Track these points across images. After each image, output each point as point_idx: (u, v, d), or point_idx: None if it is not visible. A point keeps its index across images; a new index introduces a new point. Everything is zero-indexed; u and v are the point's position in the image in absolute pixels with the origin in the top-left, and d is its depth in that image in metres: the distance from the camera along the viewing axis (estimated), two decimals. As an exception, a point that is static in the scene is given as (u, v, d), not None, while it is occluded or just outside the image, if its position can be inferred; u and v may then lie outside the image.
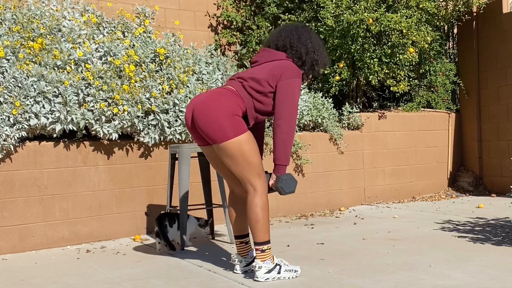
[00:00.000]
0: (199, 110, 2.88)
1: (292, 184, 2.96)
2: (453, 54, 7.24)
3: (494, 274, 2.93)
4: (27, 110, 3.96)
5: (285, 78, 2.92)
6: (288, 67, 2.95)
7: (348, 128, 6.02)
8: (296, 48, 3.02)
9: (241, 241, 3.15)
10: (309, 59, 3.05)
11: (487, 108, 6.65)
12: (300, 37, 3.03)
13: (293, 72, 2.95)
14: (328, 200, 5.68)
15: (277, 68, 2.94)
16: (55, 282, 3.11)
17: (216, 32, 6.41)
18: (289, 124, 2.91)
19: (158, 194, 4.63)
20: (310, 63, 3.07)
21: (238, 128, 2.84)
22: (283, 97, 2.90)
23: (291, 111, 2.91)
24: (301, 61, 3.04)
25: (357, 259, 3.39)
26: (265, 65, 2.99)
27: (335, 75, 5.90)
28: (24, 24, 4.46)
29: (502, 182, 6.45)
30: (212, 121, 2.83)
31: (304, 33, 3.06)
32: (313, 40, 3.07)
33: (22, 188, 4.03)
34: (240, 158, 2.85)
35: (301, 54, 3.03)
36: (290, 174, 2.97)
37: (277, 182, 2.95)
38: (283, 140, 2.90)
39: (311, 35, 3.09)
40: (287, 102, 2.90)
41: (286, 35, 3.04)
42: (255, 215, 2.89)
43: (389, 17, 5.62)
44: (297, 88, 2.94)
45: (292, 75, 2.93)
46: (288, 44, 3.02)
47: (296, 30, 3.07)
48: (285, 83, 2.91)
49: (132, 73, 4.42)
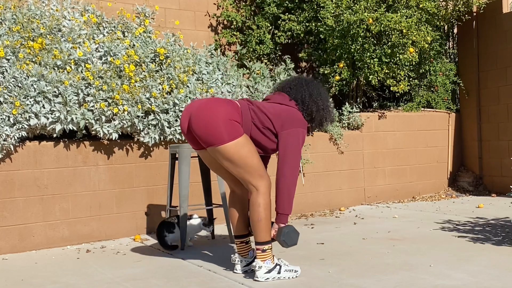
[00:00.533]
0: (196, 114, 2.88)
1: (294, 236, 2.96)
2: (453, 54, 7.24)
3: (494, 274, 2.93)
4: (27, 110, 3.96)
5: (292, 126, 2.95)
6: (297, 117, 3.00)
7: (348, 128, 6.02)
8: (308, 105, 3.05)
9: (241, 241, 3.15)
10: (318, 116, 3.10)
11: (487, 108, 6.65)
12: (311, 94, 3.07)
13: (300, 122, 3.00)
14: (328, 200, 5.68)
15: (286, 112, 2.98)
16: (55, 282, 3.11)
17: (216, 32, 6.41)
18: (294, 173, 2.94)
19: (158, 194, 4.63)
20: (319, 120, 3.12)
21: (234, 132, 2.84)
22: (289, 145, 2.93)
23: (295, 160, 2.94)
24: (310, 117, 3.08)
25: (357, 259, 3.39)
26: (275, 105, 3.02)
27: (335, 75, 5.90)
28: (24, 24, 4.46)
29: (502, 182, 6.45)
30: (208, 125, 2.83)
31: (314, 89, 3.10)
32: (323, 98, 3.11)
33: (22, 188, 4.03)
34: (239, 161, 2.85)
35: (312, 112, 3.07)
36: (292, 226, 2.97)
37: (279, 236, 2.94)
38: (288, 189, 2.93)
39: (321, 92, 3.12)
40: (293, 150, 2.94)
41: (297, 90, 3.07)
42: (257, 215, 2.89)
43: (389, 17, 5.62)
44: (302, 138, 2.99)
45: (298, 124, 2.98)
46: (300, 99, 3.06)
47: (307, 85, 3.10)
48: (292, 131, 2.95)
49: (132, 73, 4.42)
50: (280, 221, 2.97)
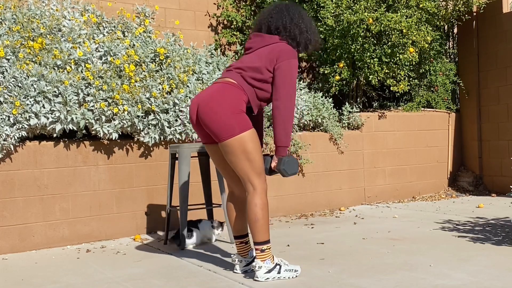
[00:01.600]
0: (205, 108, 2.87)
1: (295, 165, 2.96)
2: (453, 54, 7.24)
3: (494, 273, 2.93)
4: (27, 109, 3.96)
5: (282, 60, 2.91)
6: (284, 50, 2.94)
7: (348, 128, 6.02)
8: (290, 30, 3.01)
9: (241, 241, 3.15)
10: (303, 39, 3.05)
11: (487, 107, 6.65)
12: (292, 18, 3.02)
13: (289, 53, 2.94)
14: (328, 200, 5.68)
15: (273, 52, 2.93)
16: (55, 282, 3.11)
17: (216, 32, 6.41)
18: (289, 105, 2.90)
19: (158, 194, 4.63)
20: (304, 43, 3.07)
21: (242, 125, 2.84)
22: (281, 79, 2.90)
23: (289, 92, 2.91)
24: (295, 42, 3.03)
25: (357, 259, 3.39)
26: (260, 50, 2.97)
27: (335, 75, 5.90)
28: (24, 23, 4.46)
29: (502, 182, 6.45)
30: (217, 118, 2.83)
31: (295, 13, 3.05)
32: (305, 20, 3.07)
33: (22, 187, 4.03)
34: (242, 155, 2.85)
35: (296, 35, 3.02)
36: (292, 156, 2.97)
37: (279, 164, 2.95)
38: (283, 122, 2.90)
39: (302, 14, 3.08)
40: (286, 84, 2.90)
41: (278, 17, 3.02)
42: (254, 215, 2.89)
43: (389, 16, 5.62)
44: (294, 69, 2.94)
45: (288, 56, 2.93)
46: (281, 26, 3.01)
47: (287, 10, 3.05)
48: (282, 64, 2.90)
49: (132, 73, 4.42)
50: (279, 154, 2.95)
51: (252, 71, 2.92)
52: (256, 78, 2.92)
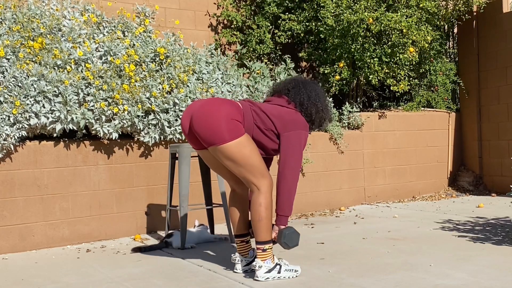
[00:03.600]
0: (197, 115, 2.87)
1: (295, 238, 2.96)
2: (453, 53, 7.24)
3: (494, 273, 2.93)
4: (27, 109, 3.96)
5: (294, 128, 2.96)
6: (298, 120, 3.00)
7: (348, 127, 6.02)
8: (307, 107, 3.05)
9: (242, 240, 3.15)
10: (318, 118, 3.10)
11: (487, 107, 6.65)
12: (309, 96, 3.06)
13: (302, 124, 3.00)
14: (328, 200, 5.68)
15: (288, 115, 2.98)
16: (55, 281, 3.11)
17: (216, 31, 6.41)
18: (295, 175, 2.94)
19: (158, 194, 4.63)
20: (319, 122, 3.13)
21: (236, 131, 2.84)
22: (291, 147, 2.93)
23: (297, 161, 2.94)
24: (310, 119, 3.08)
25: (357, 259, 3.39)
26: (276, 107, 3.02)
27: (335, 75, 5.90)
28: (24, 23, 4.46)
29: (502, 182, 6.45)
30: (210, 124, 2.83)
31: (312, 90, 3.09)
32: (321, 99, 3.11)
33: (22, 187, 4.03)
34: (241, 160, 2.85)
35: (312, 114, 3.07)
36: (292, 228, 2.97)
37: (279, 238, 2.95)
38: (288, 191, 2.93)
39: (318, 93, 3.12)
40: (294, 152, 2.94)
41: (295, 92, 3.07)
42: (258, 214, 2.89)
43: (389, 16, 5.62)
44: (304, 140, 2.99)
45: (301, 127, 2.98)
46: (298, 102, 3.05)
47: (304, 86, 3.09)
48: (293, 133, 2.95)
49: (132, 73, 4.42)
50: (280, 223, 2.97)
51: (261, 111, 2.96)
52: (261, 118, 2.95)
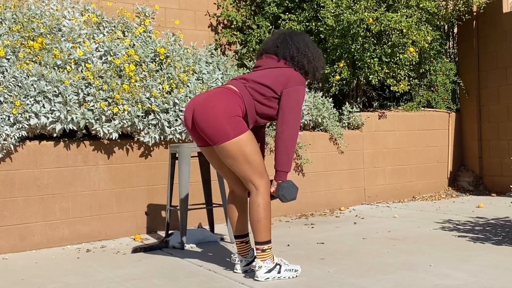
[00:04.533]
0: (200, 111, 2.87)
1: (294, 191, 2.95)
2: (453, 53, 7.24)
3: (494, 273, 2.93)
4: (27, 109, 3.96)
5: (291, 85, 2.93)
6: (293, 76, 2.97)
7: (348, 127, 6.02)
8: (298, 60, 3.02)
9: (241, 241, 3.15)
10: (311, 68, 3.07)
11: (487, 107, 6.65)
12: (298, 48, 3.03)
13: (298, 80, 2.97)
14: (328, 200, 5.68)
15: (282, 76, 2.95)
16: (55, 281, 3.11)
17: (216, 31, 6.41)
18: (293, 131, 2.92)
19: (158, 194, 4.63)
20: (313, 72, 3.09)
21: (238, 128, 2.83)
22: (289, 105, 2.91)
23: (295, 118, 2.92)
24: (304, 71, 3.06)
25: (357, 259, 3.39)
26: (269, 70, 3.00)
27: (335, 75, 5.90)
28: (24, 23, 4.46)
29: (502, 182, 6.44)
30: (212, 121, 2.82)
31: (300, 41, 3.05)
32: (310, 48, 3.07)
33: (22, 187, 4.03)
34: (241, 158, 2.85)
35: (304, 65, 3.04)
36: (291, 181, 2.95)
37: (278, 190, 2.94)
38: (286, 147, 2.91)
39: (307, 42, 3.08)
40: (292, 109, 2.91)
41: (284, 46, 3.03)
42: (257, 215, 2.89)
43: (389, 16, 5.62)
44: (302, 95, 2.96)
45: (297, 83, 2.95)
46: (289, 56, 3.02)
47: (292, 39, 3.05)
48: (290, 90, 2.92)
49: (132, 73, 4.42)
50: (279, 178, 2.95)
51: (256, 84, 2.93)
52: (258, 91, 2.92)
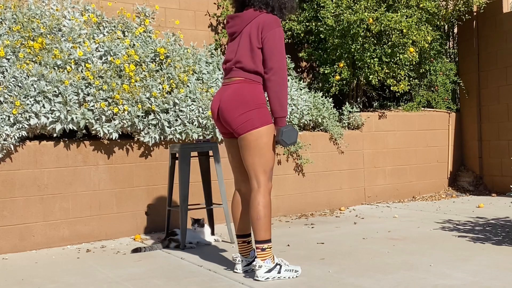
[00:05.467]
0: (226, 105, 2.92)
1: (293, 134, 2.94)
2: (453, 53, 7.24)
3: (494, 273, 2.93)
4: (27, 109, 3.96)
5: (267, 31, 2.90)
6: (266, 21, 2.93)
7: (348, 127, 6.02)
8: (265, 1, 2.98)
9: (243, 240, 3.15)
10: (276, 3, 3.01)
11: (487, 107, 6.65)
12: None
13: (272, 23, 2.92)
14: (328, 200, 5.68)
15: (256, 28, 2.92)
16: (55, 281, 3.11)
17: (217, 31, 6.41)
18: (280, 76, 2.90)
19: (158, 194, 4.63)
20: (278, 7, 3.03)
21: (263, 118, 2.89)
22: (270, 50, 2.89)
23: (279, 61, 2.90)
24: (270, 7, 3.00)
25: (357, 259, 3.39)
26: (244, 32, 2.96)
27: (335, 75, 5.90)
28: (24, 23, 4.46)
29: (502, 182, 6.44)
30: (239, 115, 2.88)
31: None
32: None
33: (22, 187, 4.03)
34: (255, 149, 2.89)
35: (268, 3, 2.99)
36: (290, 125, 2.95)
37: (277, 135, 2.94)
38: (277, 93, 2.90)
39: None
40: (275, 54, 2.89)
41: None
42: (256, 213, 2.90)
43: (389, 16, 5.62)
44: (280, 37, 2.93)
45: (272, 26, 2.92)
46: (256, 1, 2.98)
47: None
48: (267, 35, 2.89)
49: (132, 73, 4.42)
50: (278, 125, 2.95)
51: (249, 58, 2.93)
52: (255, 62, 2.92)
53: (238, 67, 2.96)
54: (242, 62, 2.94)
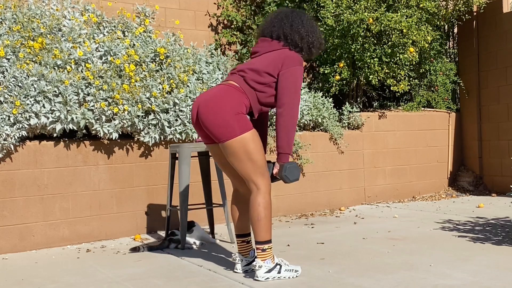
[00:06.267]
0: (204, 108, 2.88)
1: (296, 171, 2.95)
2: (453, 53, 7.24)
3: (494, 273, 2.93)
4: (27, 109, 3.96)
5: (287, 66, 2.92)
6: (289, 56, 2.95)
7: (348, 127, 6.02)
8: (291, 37, 3.01)
9: (243, 240, 3.15)
10: (305, 43, 3.05)
11: (487, 107, 6.65)
12: (292, 25, 3.02)
13: (295, 60, 2.95)
14: (328, 200, 5.68)
15: (278, 58, 2.94)
16: (55, 281, 3.11)
17: (216, 31, 6.41)
18: (292, 112, 2.91)
19: (158, 194, 4.63)
20: (307, 48, 3.07)
21: (243, 126, 2.85)
22: (286, 86, 2.90)
23: (293, 99, 2.91)
24: (298, 48, 3.04)
25: (357, 259, 3.39)
26: (265, 55, 2.99)
27: (335, 75, 5.90)
28: (24, 23, 4.46)
29: (502, 182, 6.45)
30: (217, 119, 2.83)
31: (295, 19, 3.05)
32: (305, 24, 3.05)
33: (22, 187, 4.03)
34: (244, 156, 2.85)
35: (296, 42, 3.02)
36: (294, 162, 2.96)
37: (281, 171, 2.95)
38: (286, 129, 2.90)
39: (303, 19, 3.07)
40: (290, 91, 2.90)
41: (279, 25, 3.03)
42: (257, 214, 2.89)
43: (389, 16, 5.62)
44: (299, 76, 2.94)
45: (293, 63, 2.93)
46: (282, 34, 3.01)
47: (287, 17, 3.05)
48: (287, 71, 2.91)
49: (132, 73, 4.42)
50: (281, 161, 2.95)
51: (255, 73, 2.93)
52: (258, 81, 2.92)
53: (240, 75, 2.97)
54: (245, 73, 2.95)
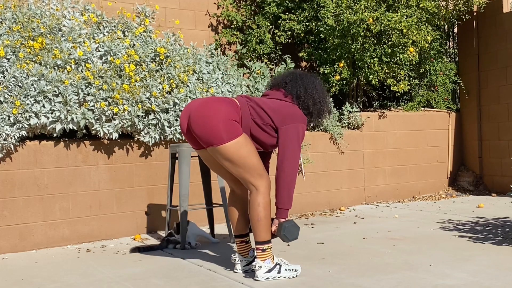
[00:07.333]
0: (195, 115, 2.88)
1: (295, 231, 2.95)
2: (454, 53, 7.24)
3: (494, 273, 2.93)
4: (27, 109, 3.96)
5: (292, 122, 2.95)
6: (296, 113, 2.99)
7: (348, 127, 6.02)
8: (304, 100, 3.05)
9: (242, 240, 3.15)
10: (315, 110, 3.10)
11: (487, 107, 6.65)
12: (306, 89, 3.06)
13: (300, 118, 2.99)
14: (328, 200, 5.68)
15: (285, 108, 2.98)
16: (55, 281, 3.11)
17: (216, 31, 6.41)
18: (294, 168, 2.93)
19: (158, 194, 4.63)
20: (317, 113, 3.12)
21: (233, 132, 2.84)
22: (289, 140, 2.93)
23: (295, 154, 2.93)
24: (308, 111, 3.08)
25: (357, 259, 3.39)
26: (273, 100, 3.02)
27: (335, 75, 5.90)
28: (24, 23, 4.46)
29: (502, 182, 6.45)
30: (207, 125, 2.83)
31: (309, 83, 3.09)
32: (318, 91, 3.10)
33: (23, 187, 4.03)
34: (239, 161, 2.85)
35: (309, 106, 3.07)
36: (292, 220, 2.96)
37: (279, 230, 2.94)
38: (288, 184, 2.92)
39: (316, 85, 3.12)
40: (293, 146, 2.93)
41: (292, 85, 3.06)
42: (257, 214, 2.90)
43: (389, 16, 5.62)
44: (302, 133, 2.98)
45: (299, 120, 2.98)
46: (295, 95, 3.05)
47: (301, 79, 3.09)
48: (291, 126, 2.94)
49: (132, 73, 4.42)
50: (280, 216, 2.97)
51: (258, 107, 2.95)
52: (258, 114, 2.95)
53: (244, 97, 3.01)
54: (250, 100, 2.99)
